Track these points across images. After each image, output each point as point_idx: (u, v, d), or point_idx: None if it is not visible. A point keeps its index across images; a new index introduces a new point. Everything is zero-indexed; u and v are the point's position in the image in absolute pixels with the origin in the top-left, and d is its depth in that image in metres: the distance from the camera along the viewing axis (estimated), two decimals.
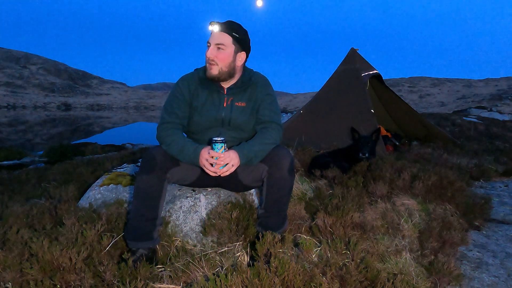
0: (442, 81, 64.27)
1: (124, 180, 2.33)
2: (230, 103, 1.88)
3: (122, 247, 1.76)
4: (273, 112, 1.92)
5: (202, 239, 1.93)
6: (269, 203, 1.82)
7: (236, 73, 1.88)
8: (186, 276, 1.57)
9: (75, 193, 2.49)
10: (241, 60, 1.87)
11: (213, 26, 1.80)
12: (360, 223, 2.12)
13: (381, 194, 2.62)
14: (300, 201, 2.46)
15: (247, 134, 1.92)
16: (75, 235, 1.65)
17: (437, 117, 11.80)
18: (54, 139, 19.65)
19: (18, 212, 2.02)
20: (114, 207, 2.02)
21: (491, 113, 17.51)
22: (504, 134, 8.85)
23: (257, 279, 1.32)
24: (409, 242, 2.08)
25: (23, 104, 58.45)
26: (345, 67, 5.90)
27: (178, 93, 1.89)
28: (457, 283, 1.79)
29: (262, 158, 1.79)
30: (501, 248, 2.30)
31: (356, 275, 1.45)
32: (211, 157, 1.69)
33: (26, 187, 3.44)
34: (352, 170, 3.13)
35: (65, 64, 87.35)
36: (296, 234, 2.03)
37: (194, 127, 1.90)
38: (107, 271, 1.49)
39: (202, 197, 2.03)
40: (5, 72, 70.02)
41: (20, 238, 1.64)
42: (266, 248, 1.52)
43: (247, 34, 1.88)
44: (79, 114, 49.58)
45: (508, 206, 3.21)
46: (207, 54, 1.80)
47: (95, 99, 71.93)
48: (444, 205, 2.64)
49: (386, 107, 6.82)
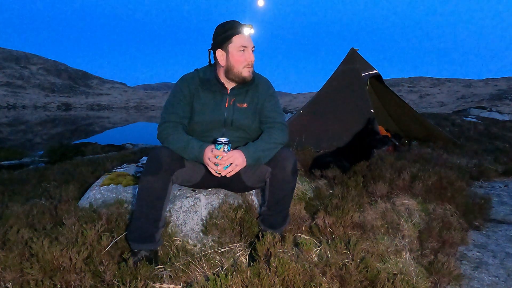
0: (442, 81, 64.27)
1: (124, 180, 2.33)
2: (232, 103, 1.88)
3: (122, 247, 1.76)
4: (277, 112, 1.94)
5: (202, 239, 1.93)
6: (272, 203, 1.83)
7: None
8: (186, 276, 1.57)
9: (75, 193, 2.50)
10: None
11: (250, 29, 1.82)
12: (360, 223, 2.13)
13: (381, 194, 2.63)
14: (300, 201, 2.46)
15: (251, 134, 1.93)
16: (75, 235, 1.65)
17: (437, 117, 11.80)
18: (54, 139, 19.65)
19: (18, 212, 2.02)
20: (114, 207, 2.02)
21: (491, 113, 17.50)
22: (504, 134, 8.85)
23: (257, 279, 1.32)
24: (409, 242, 2.08)
25: (23, 104, 58.46)
26: (345, 67, 5.90)
27: (178, 93, 1.88)
28: (457, 283, 1.79)
29: (270, 158, 1.80)
30: (501, 248, 2.30)
31: (356, 275, 1.45)
32: (214, 156, 1.69)
33: (26, 187, 3.44)
34: (352, 170, 3.14)
35: (65, 64, 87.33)
36: (296, 234, 2.03)
37: (196, 127, 1.90)
38: (107, 271, 1.49)
39: (202, 197, 2.03)
40: (5, 72, 70.02)
41: (20, 238, 1.64)
42: (266, 248, 1.52)
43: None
44: (79, 114, 49.59)
45: (508, 206, 3.21)
46: (250, 58, 1.82)
47: (95, 99, 71.95)
48: (444, 205, 2.64)
49: (386, 107, 6.82)
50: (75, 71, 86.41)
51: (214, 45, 1.84)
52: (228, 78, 1.86)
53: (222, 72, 1.87)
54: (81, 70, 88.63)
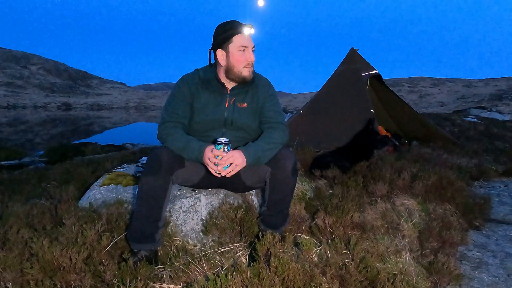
0: (442, 81, 64.27)
1: (124, 180, 2.33)
2: (232, 103, 1.88)
3: (122, 247, 1.76)
4: (277, 112, 1.94)
5: (202, 239, 1.93)
6: (272, 203, 1.83)
7: None
8: (186, 276, 1.57)
9: (75, 193, 2.49)
10: None
11: (251, 29, 1.82)
12: (360, 223, 2.12)
13: (381, 194, 2.63)
14: (300, 201, 2.46)
15: (251, 134, 1.93)
16: (75, 235, 1.65)
17: (437, 117, 11.80)
18: (54, 139, 19.65)
19: (18, 212, 2.02)
20: (114, 207, 2.02)
21: (491, 113, 17.49)
22: (504, 134, 8.86)
23: (257, 279, 1.32)
24: (409, 242, 2.08)
25: (24, 104, 58.46)
26: (345, 67, 5.91)
27: (178, 93, 1.89)
28: (457, 283, 1.79)
29: (270, 158, 1.80)
30: (501, 248, 2.30)
31: (356, 275, 1.45)
32: (214, 156, 1.69)
33: (26, 187, 3.43)
34: (352, 170, 3.14)
35: (65, 64, 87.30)
36: (296, 234, 2.03)
37: (196, 127, 1.89)
38: (107, 271, 1.49)
39: (202, 197, 2.03)
40: (5, 72, 70.00)
41: (20, 238, 1.64)
42: (266, 248, 1.52)
43: None
44: (79, 114, 49.59)
45: (507, 206, 3.21)
46: (250, 58, 1.82)
47: (95, 99, 71.92)
48: (444, 205, 2.64)
49: (386, 107, 6.82)
50: (75, 71, 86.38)
51: (215, 45, 1.84)
52: (228, 78, 1.86)
53: (222, 72, 1.87)
54: (81, 70, 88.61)
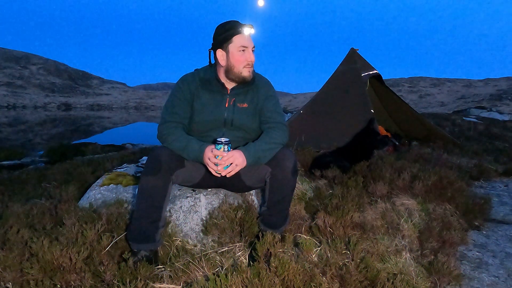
0: (442, 81, 64.24)
1: (124, 180, 2.33)
2: (232, 103, 1.88)
3: (122, 247, 1.76)
4: (277, 113, 1.94)
5: (202, 239, 1.93)
6: (272, 203, 1.83)
7: None
8: (186, 276, 1.57)
9: (75, 193, 2.49)
10: None
11: (251, 29, 1.81)
12: (360, 223, 2.12)
13: (381, 194, 2.62)
14: (300, 201, 2.46)
15: (251, 135, 1.93)
16: (75, 235, 1.65)
17: (437, 117, 11.81)
18: (54, 139, 19.64)
19: (18, 212, 2.02)
20: (114, 207, 2.02)
21: (491, 113, 17.50)
22: (504, 134, 8.86)
23: (257, 279, 1.32)
24: (409, 242, 2.08)
25: (23, 104, 58.43)
26: (345, 67, 5.91)
27: (178, 93, 1.89)
28: (457, 283, 1.79)
29: (270, 158, 1.79)
30: (501, 248, 2.30)
31: (356, 275, 1.45)
32: (214, 156, 1.69)
33: (26, 187, 3.44)
34: (352, 170, 3.14)
35: (65, 64, 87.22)
36: (296, 234, 2.03)
37: (196, 127, 1.89)
38: (107, 271, 1.49)
39: (202, 197, 2.03)
40: (5, 72, 69.98)
41: (20, 238, 1.64)
42: (266, 248, 1.52)
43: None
44: (79, 114, 49.58)
45: (508, 206, 3.21)
46: (250, 58, 1.82)
47: (95, 99, 71.89)
48: (444, 205, 2.64)
49: (386, 107, 6.83)
50: (75, 71, 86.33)
51: (215, 45, 1.84)
52: (228, 78, 1.86)
53: (222, 72, 1.87)
54: (81, 70, 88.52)
